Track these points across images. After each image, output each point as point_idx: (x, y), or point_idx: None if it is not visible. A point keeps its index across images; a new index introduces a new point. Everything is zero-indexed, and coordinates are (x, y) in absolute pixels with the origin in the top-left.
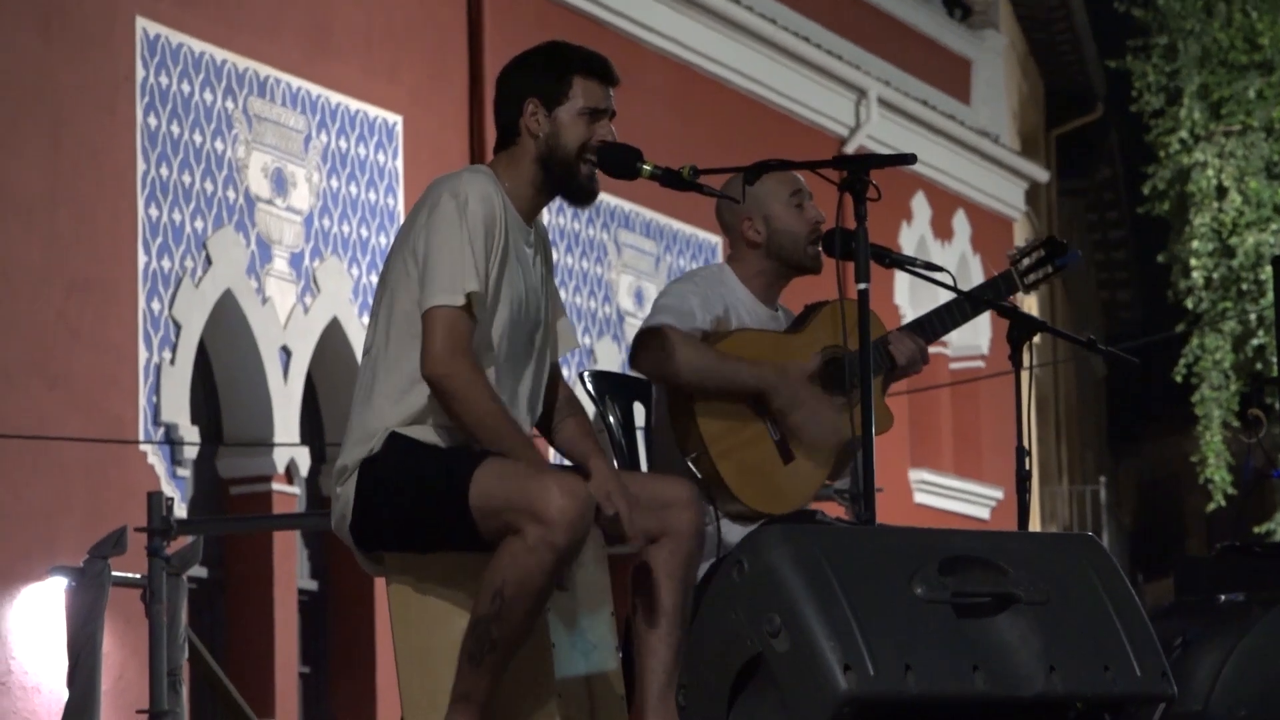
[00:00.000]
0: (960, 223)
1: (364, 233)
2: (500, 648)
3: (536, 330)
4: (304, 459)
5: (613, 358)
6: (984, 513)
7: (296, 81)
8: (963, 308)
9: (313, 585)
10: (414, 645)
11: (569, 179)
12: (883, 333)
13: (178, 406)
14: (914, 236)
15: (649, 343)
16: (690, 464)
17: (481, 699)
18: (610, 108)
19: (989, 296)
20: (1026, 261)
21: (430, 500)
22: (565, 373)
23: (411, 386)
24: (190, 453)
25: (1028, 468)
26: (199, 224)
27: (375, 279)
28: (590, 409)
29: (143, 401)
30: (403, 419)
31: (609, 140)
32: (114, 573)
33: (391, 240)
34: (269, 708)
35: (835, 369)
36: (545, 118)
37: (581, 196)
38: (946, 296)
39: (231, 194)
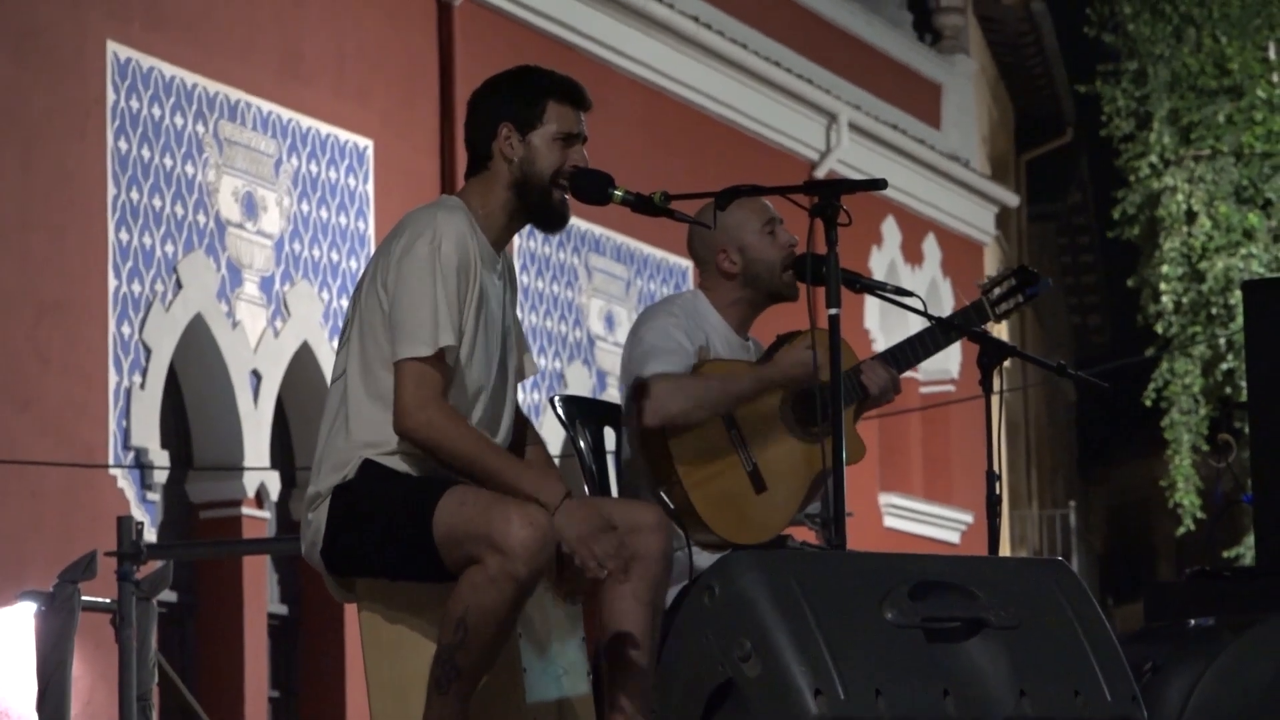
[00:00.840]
0: (930, 247)
1: (335, 257)
2: (465, 676)
3: (508, 361)
4: (274, 483)
5: (583, 382)
6: (954, 537)
7: (267, 105)
8: (934, 337)
9: (283, 610)
10: (385, 673)
11: (543, 204)
12: (855, 362)
13: (148, 430)
14: (884, 261)
15: (650, 394)
16: (662, 495)
17: None
18: (583, 133)
19: (960, 324)
20: (997, 291)
21: (398, 529)
22: (535, 397)
23: (383, 414)
24: (160, 477)
25: (998, 492)
26: (169, 248)
27: (346, 303)
28: (560, 434)
29: (113, 425)
30: (376, 447)
31: (582, 165)
32: (84, 597)
33: (362, 265)
34: None
35: (807, 399)
36: (519, 142)
37: (553, 222)
38: (917, 322)
39: (202, 218)
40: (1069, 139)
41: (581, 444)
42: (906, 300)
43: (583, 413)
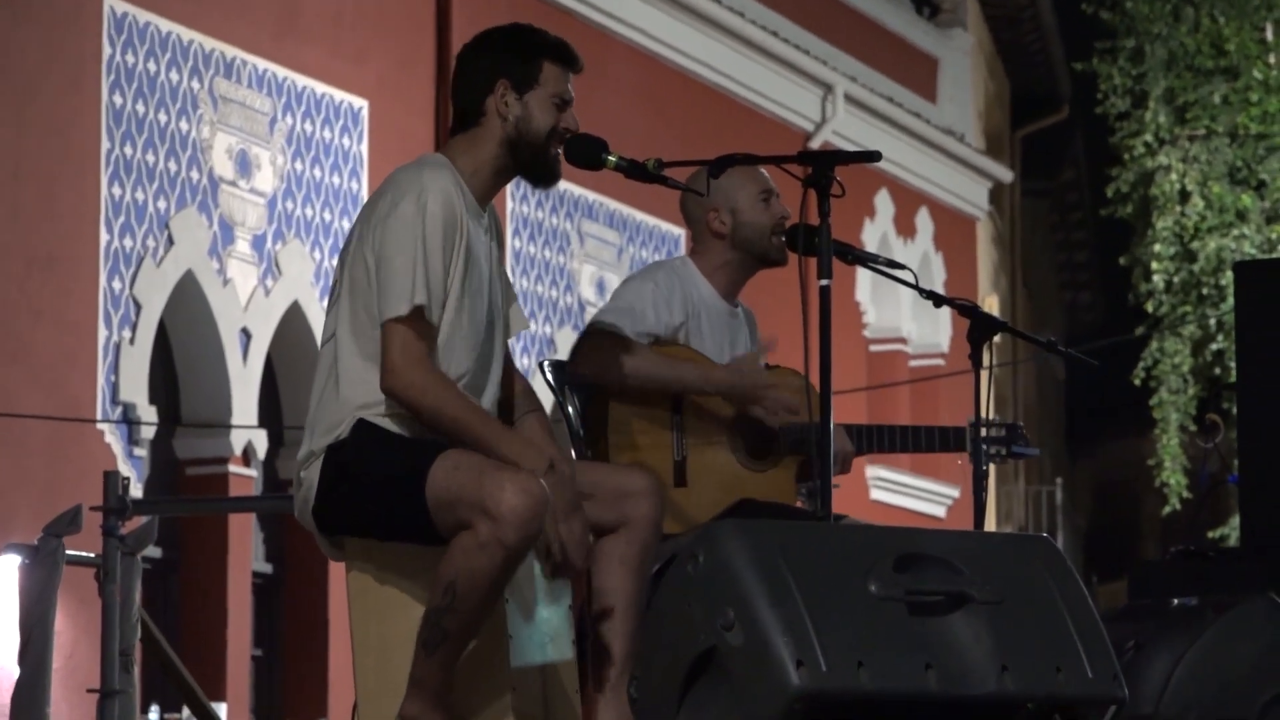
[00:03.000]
0: (923, 221)
1: (327, 216)
2: (453, 638)
3: (496, 316)
4: (261, 441)
5: None
6: (940, 511)
7: (263, 63)
8: (906, 438)
9: (267, 568)
10: (372, 632)
11: (536, 162)
12: (809, 416)
13: (136, 386)
14: (876, 233)
15: (590, 346)
16: (585, 449)
17: (435, 686)
18: (572, 96)
19: (936, 443)
20: (984, 432)
21: (390, 491)
22: (525, 362)
23: (374, 374)
24: (147, 432)
25: (985, 467)
26: (162, 204)
27: (337, 264)
28: (549, 398)
29: (101, 380)
30: (369, 407)
31: (575, 129)
32: (68, 551)
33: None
34: (220, 690)
35: (762, 435)
36: (515, 101)
37: (546, 178)
38: (907, 293)
39: (195, 174)
40: (1064, 116)
41: (570, 409)
42: (898, 273)
43: (571, 378)
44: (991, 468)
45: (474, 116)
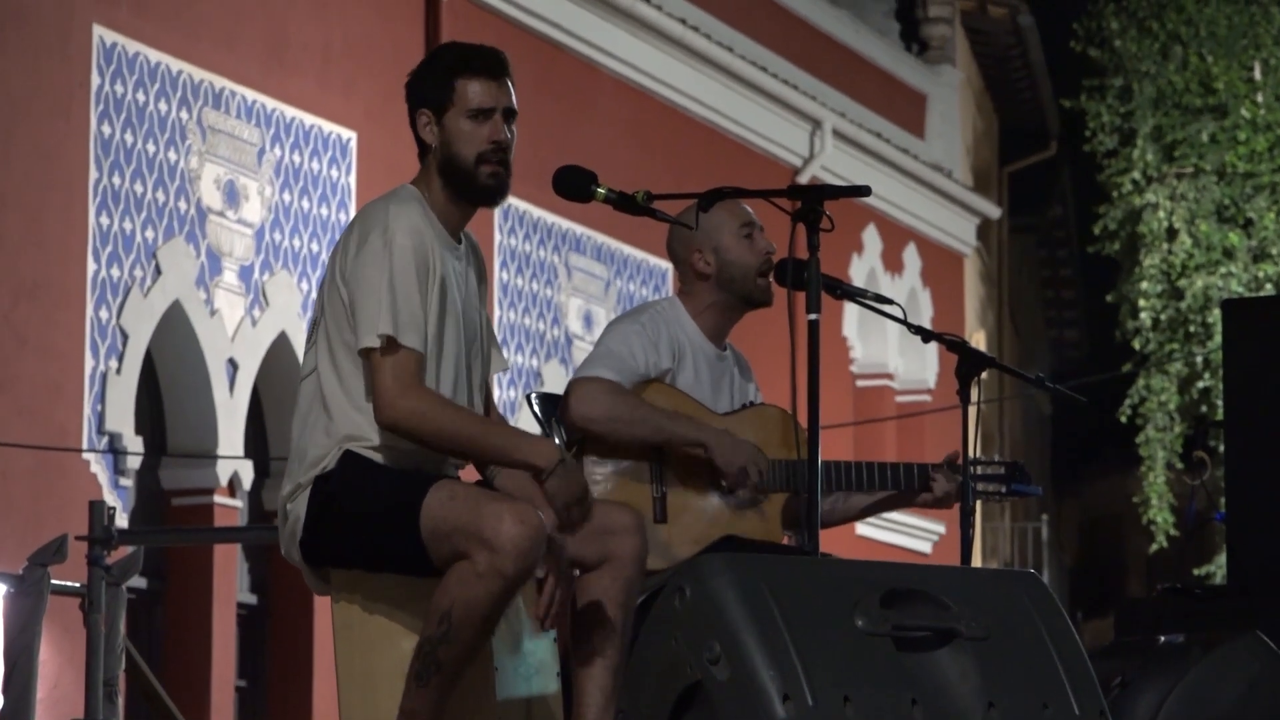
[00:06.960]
0: (911, 256)
1: (315, 248)
2: (446, 670)
3: (475, 344)
4: (247, 472)
5: (560, 380)
6: (926, 547)
7: (252, 94)
8: (884, 474)
9: (252, 599)
10: (356, 665)
11: (469, 184)
12: (796, 453)
13: (122, 416)
14: (864, 269)
15: (580, 394)
16: None
17: (426, 718)
18: (503, 104)
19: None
20: (982, 469)
21: (381, 521)
22: (512, 394)
23: (358, 408)
24: (133, 463)
25: (971, 503)
26: (149, 234)
27: None
28: (536, 431)
29: (87, 410)
30: (356, 440)
31: (503, 139)
32: (53, 581)
33: None
34: None
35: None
36: (437, 127)
37: (484, 199)
38: (894, 329)
39: (183, 205)
40: (1052, 153)
41: (557, 441)
42: (886, 308)
43: (559, 410)
44: (978, 504)
45: (422, 150)
